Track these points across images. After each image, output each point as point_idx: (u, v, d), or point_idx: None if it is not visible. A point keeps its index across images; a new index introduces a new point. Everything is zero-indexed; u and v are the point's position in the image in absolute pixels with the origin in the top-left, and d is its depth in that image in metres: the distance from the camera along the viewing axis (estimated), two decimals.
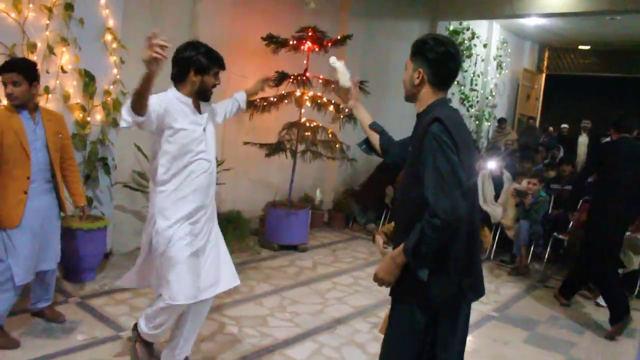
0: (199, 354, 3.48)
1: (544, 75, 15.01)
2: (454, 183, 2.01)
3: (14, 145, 3.31)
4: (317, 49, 6.02)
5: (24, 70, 3.34)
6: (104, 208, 4.98)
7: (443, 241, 2.07)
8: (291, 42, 5.96)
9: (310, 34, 5.93)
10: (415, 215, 2.08)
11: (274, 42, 6.00)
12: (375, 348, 3.77)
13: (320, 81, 6.17)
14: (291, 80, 5.97)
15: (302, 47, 5.99)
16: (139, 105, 2.60)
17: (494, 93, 12.42)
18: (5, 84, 3.34)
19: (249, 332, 3.89)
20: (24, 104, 3.39)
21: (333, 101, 6.16)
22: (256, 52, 6.27)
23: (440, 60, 2.18)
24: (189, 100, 2.96)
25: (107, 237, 4.87)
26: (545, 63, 14.96)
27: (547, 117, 14.62)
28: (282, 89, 6.04)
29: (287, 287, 4.92)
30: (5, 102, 3.54)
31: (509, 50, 12.87)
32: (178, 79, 2.96)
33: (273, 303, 4.50)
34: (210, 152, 3.03)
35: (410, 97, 2.31)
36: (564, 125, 12.10)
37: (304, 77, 6.04)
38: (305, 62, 6.11)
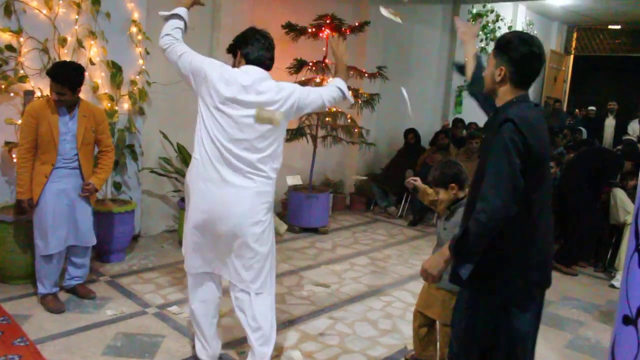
0: (219, 327, 3.71)
1: (572, 57, 14.78)
2: (509, 186, 2.05)
3: (46, 134, 3.65)
4: (335, 36, 6.16)
5: (69, 83, 3.63)
6: (132, 193, 5.24)
7: (485, 239, 2.10)
8: (310, 30, 6.11)
9: (328, 21, 6.07)
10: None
11: (294, 30, 6.16)
12: (386, 325, 3.97)
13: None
14: (310, 67, 6.13)
15: (321, 34, 6.14)
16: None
17: None
18: (51, 88, 3.64)
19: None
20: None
21: (352, 87, 6.30)
22: (276, 39, 6.29)
23: (524, 60, 2.18)
24: None
25: (135, 220, 5.13)
26: (574, 44, 14.72)
27: (575, 100, 14.43)
28: (302, 76, 6.21)
29: (306, 267, 5.13)
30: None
31: (536, 32, 12.72)
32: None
33: (291, 282, 4.71)
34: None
35: (490, 92, 2.32)
36: (591, 108, 11.99)
37: (323, 64, 6.20)
38: (324, 49, 6.26)
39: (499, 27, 11.15)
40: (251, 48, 2.92)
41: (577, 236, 5.58)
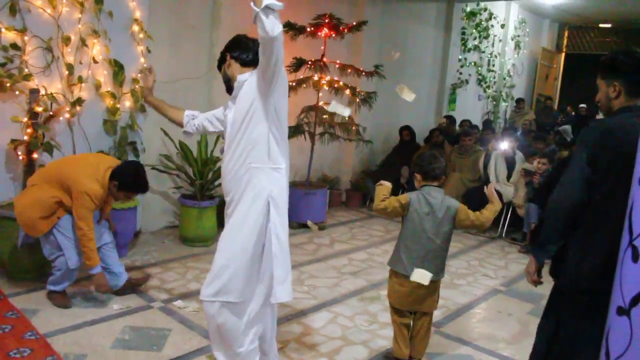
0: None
1: (563, 55, 14.97)
2: (574, 179, 2.33)
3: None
4: (333, 35, 6.26)
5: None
6: None
7: (553, 227, 2.41)
8: (308, 29, 6.19)
9: (326, 20, 6.16)
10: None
11: (293, 29, 6.24)
12: (385, 317, 4.07)
13: (337, 66, 6.41)
14: (309, 65, 6.22)
15: (319, 33, 6.23)
16: None
17: (511, 73, 12.50)
18: (128, 196, 3.92)
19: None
20: None
21: (349, 85, 6.40)
22: None
23: (635, 70, 2.37)
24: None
25: (137, 217, 5.21)
26: (565, 42, 14.92)
27: (567, 97, 14.62)
28: (300, 74, 6.30)
29: (306, 262, 5.23)
30: None
31: (528, 30, 12.91)
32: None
33: (292, 277, 4.79)
34: None
35: (608, 111, 2.47)
36: (582, 105, 12.17)
37: (321, 63, 6.29)
38: (322, 47, 6.35)
39: (492, 25, 11.30)
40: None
41: None
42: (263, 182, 2.72)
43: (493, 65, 11.72)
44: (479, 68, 11.25)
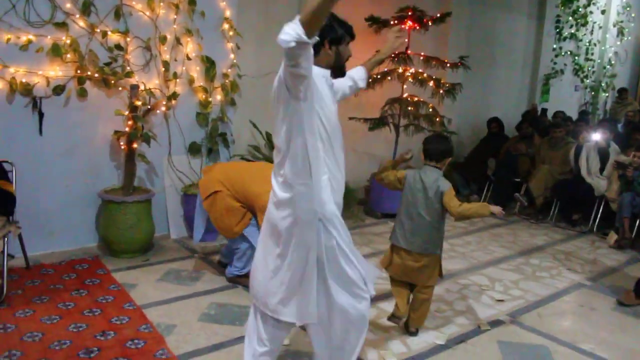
0: None
1: None
2: None
3: None
4: (417, 27, 6.30)
5: None
6: None
7: None
8: (392, 22, 6.27)
9: (410, 13, 6.21)
10: None
11: (376, 23, 6.35)
12: (462, 306, 4.11)
13: (421, 58, 6.44)
14: (393, 58, 6.30)
15: (403, 25, 6.28)
16: (315, 22, 2.01)
17: (613, 62, 11.84)
18: None
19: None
20: None
21: (433, 77, 6.42)
22: (360, 32, 6.49)
23: None
24: (328, 73, 2.56)
25: None
26: None
27: None
28: (385, 67, 6.39)
29: (385, 250, 5.32)
30: None
31: (633, 15, 12.16)
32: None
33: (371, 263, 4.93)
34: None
35: None
36: None
37: (406, 55, 6.35)
38: (406, 40, 6.40)
39: (591, 12, 10.78)
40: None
41: None
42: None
43: (592, 54, 11.17)
44: (576, 57, 10.77)
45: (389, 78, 6.43)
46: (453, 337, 3.62)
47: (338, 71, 2.60)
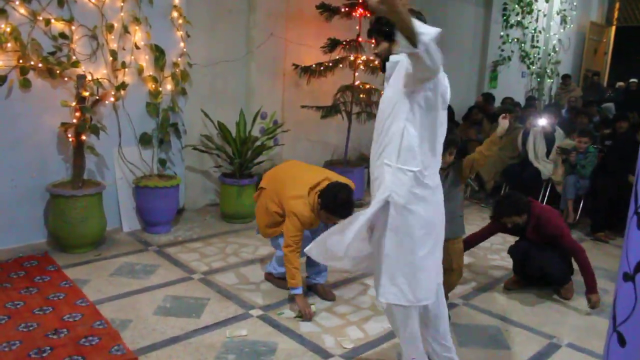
0: (259, 292, 4.01)
1: (613, 28, 14.47)
2: None
3: None
4: (368, 15, 6.32)
5: None
6: (176, 168, 5.57)
7: None
8: (343, 10, 6.28)
9: (360, 0, 6.22)
10: None
11: (328, 10, 6.34)
12: None
13: (372, 45, 6.46)
14: (344, 45, 6.31)
15: (354, 13, 6.30)
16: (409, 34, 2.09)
17: (557, 49, 12.21)
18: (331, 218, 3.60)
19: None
20: None
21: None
22: (311, 20, 6.61)
23: None
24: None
25: (180, 195, 5.47)
26: (616, 15, 14.40)
27: (617, 72, 14.17)
28: (336, 55, 6.40)
29: None
30: None
31: (575, 4, 12.54)
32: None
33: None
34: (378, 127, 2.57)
35: None
36: (633, 80, 11.80)
37: (357, 42, 6.37)
38: (357, 27, 6.43)
39: (536, 0, 11.05)
40: None
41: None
42: (387, 182, 2.49)
43: (537, 41, 11.48)
44: (522, 44, 11.05)
45: (341, 66, 6.44)
46: None
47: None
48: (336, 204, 3.48)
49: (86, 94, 4.63)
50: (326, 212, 3.54)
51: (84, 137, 4.65)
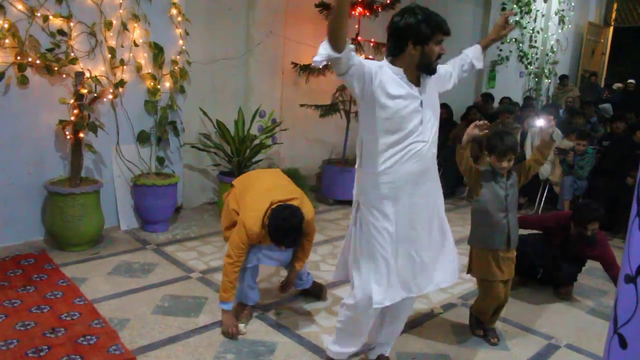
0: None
1: (611, 29, 14.49)
2: None
3: None
4: (367, 14, 6.31)
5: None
6: (174, 167, 5.55)
7: None
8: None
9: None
10: None
11: (327, 8, 6.32)
12: None
13: (372, 45, 6.47)
14: None
15: (354, 12, 6.29)
16: (335, 37, 2.23)
17: (555, 49, 12.21)
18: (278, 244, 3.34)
19: None
20: None
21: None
22: (311, 18, 6.59)
23: None
24: (401, 71, 2.56)
25: (178, 193, 5.45)
26: (614, 15, 14.41)
27: (615, 73, 14.19)
28: None
29: (339, 237, 5.36)
30: None
31: (573, 4, 12.55)
32: (394, 53, 2.56)
33: (325, 251, 4.97)
34: (427, 130, 2.61)
35: None
36: (630, 81, 11.81)
37: (356, 41, 6.36)
38: (356, 26, 6.41)
39: (534, 0, 11.05)
40: None
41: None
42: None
43: (535, 42, 11.49)
44: (520, 44, 11.05)
45: None
46: (409, 321, 3.68)
47: (425, 69, 2.62)
48: (277, 231, 3.18)
49: (84, 91, 4.61)
50: (270, 236, 3.23)
51: (81, 135, 4.63)
